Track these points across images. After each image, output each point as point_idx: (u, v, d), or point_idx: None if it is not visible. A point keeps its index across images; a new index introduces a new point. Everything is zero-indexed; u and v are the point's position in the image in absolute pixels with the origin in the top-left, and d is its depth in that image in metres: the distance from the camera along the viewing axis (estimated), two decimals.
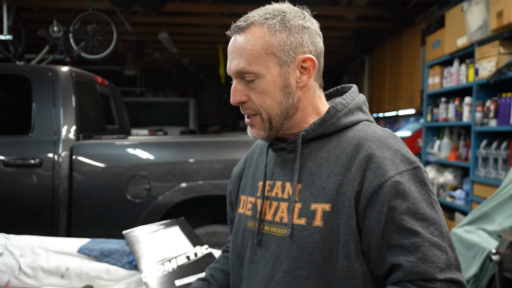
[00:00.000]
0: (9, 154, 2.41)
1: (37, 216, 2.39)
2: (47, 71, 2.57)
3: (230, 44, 0.98)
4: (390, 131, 0.98)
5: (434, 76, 3.92)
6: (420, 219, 0.86)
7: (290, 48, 0.95)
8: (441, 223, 0.88)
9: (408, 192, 0.87)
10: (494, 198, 2.33)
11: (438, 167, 3.91)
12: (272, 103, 0.96)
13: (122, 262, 1.45)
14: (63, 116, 2.49)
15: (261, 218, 1.01)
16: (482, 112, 3.11)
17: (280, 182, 1.00)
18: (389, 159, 0.90)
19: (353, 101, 1.02)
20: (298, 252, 0.92)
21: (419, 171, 0.91)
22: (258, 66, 0.94)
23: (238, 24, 0.97)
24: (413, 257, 0.84)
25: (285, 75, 0.95)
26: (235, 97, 0.98)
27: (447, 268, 0.84)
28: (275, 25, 0.95)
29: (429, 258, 0.84)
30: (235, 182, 1.17)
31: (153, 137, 3.14)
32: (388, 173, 0.88)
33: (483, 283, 2.12)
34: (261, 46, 0.94)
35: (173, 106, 9.38)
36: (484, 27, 3.01)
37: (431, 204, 0.89)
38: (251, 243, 1.03)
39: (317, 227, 0.91)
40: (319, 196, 0.92)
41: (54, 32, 4.61)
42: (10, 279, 1.38)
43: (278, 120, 0.97)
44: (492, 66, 2.93)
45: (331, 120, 0.98)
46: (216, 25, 5.95)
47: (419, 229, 0.85)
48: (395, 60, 5.79)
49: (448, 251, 0.86)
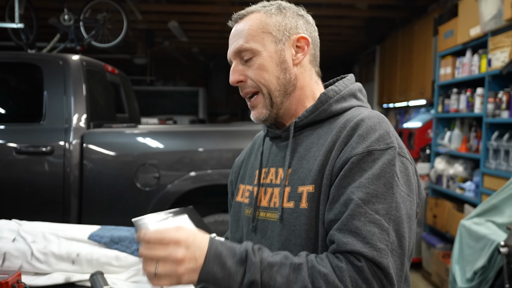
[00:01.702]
0: (21, 142, 2.45)
1: (48, 203, 2.43)
2: (58, 59, 2.59)
3: (231, 33, 1.05)
4: (378, 113, 0.97)
5: (446, 67, 3.87)
6: (368, 194, 0.84)
7: (285, 29, 1.01)
8: (392, 206, 0.84)
9: (367, 169, 0.86)
10: (504, 191, 2.31)
11: (448, 159, 3.88)
12: (270, 77, 1.00)
13: (131, 249, 1.47)
14: (74, 105, 2.51)
15: (256, 204, 1.03)
16: (494, 103, 3.07)
17: (274, 169, 1.03)
18: (363, 137, 0.90)
19: (346, 88, 1.04)
20: (288, 235, 0.95)
21: (393, 151, 0.88)
22: (254, 43, 0.99)
23: (238, 14, 1.04)
24: (346, 228, 0.83)
25: (281, 52, 1.00)
26: (234, 76, 1.02)
27: (381, 250, 0.80)
28: (271, 10, 1.02)
29: (361, 233, 0.82)
30: (236, 172, 1.19)
31: (163, 126, 3.16)
32: (357, 149, 0.89)
33: (491, 275, 2.11)
34: (257, 26, 1.00)
35: (183, 95, 9.39)
36: (498, 16, 2.95)
37: (390, 184, 0.85)
38: (247, 229, 1.05)
39: (303, 209, 0.93)
40: (305, 179, 0.95)
41: (65, 21, 4.63)
42: (23, 264, 1.42)
43: (277, 95, 1.01)
44: (505, 57, 2.88)
45: (323, 107, 1.00)
46: (226, 14, 5.92)
47: (362, 204, 0.83)
48: (406, 50, 5.72)
49: (390, 233, 0.82)
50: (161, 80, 10.26)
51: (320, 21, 5.49)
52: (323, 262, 0.82)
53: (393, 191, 0.85)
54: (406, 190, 0.88)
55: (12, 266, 1.41)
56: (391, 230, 0.83)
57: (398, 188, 0.86)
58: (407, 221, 0.86)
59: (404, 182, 0.88)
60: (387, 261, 0.80)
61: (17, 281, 1.26)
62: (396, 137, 0.93)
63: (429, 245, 3.85)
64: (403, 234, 0.84)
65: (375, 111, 0.99)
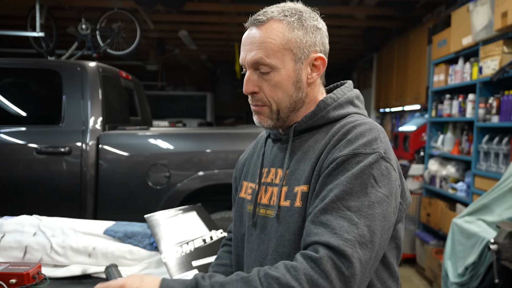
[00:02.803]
0: (41, 143, 2.46)
1: (66, 200, 2.44)
2: (76, 66, 2.61)
3: (247, 35, 0.98)
4: (372, 121, 0.96)
5: (439, 74, 3.85)
6: (343, 192, 0.83)
7: (305, 46, 0.96)
8: (365, 204, 0.82)
9: (348, 169, 0.85)
10: (494, 191, 2.30)
11: (441, 160, 3.87)
12: (283, 96, 0.97)
13: (143, 244, 1.48)
14: (91, 108, 2.52)
15: (257, 201, 1.03)
16: (484, 108, 3.06)
17: (274, 169, 1.03)
18: (351, 141, 0.89)
19: (343, 95, 1.02)
20: (283, 231, 0.95)
21: (377, 156, 0.87)
22: (275, 59, 0.94)
23: (257, 18, 0.96)
24: (318, 220, 0.83)
25: (298, 71, 0.96)
26: (248, 87, 0.97)
27: (347, 240, 0.78)
28: (294, 23, 0.95)
29: (330, 224, 0.81)
30: (240, 169, 1.19)
31: (173, 129, 3.16)
32: (342, 152, 0.88)
33: (481, 271, 2.10)
34: (280, 41, 0.94)
35: (192, 100, 9.41)
36: (489, 27, 2.94)
37: (365, 185, 0.84)
38: (248, 224, 1.06)
39: (297, 208, 0.93)
40: (300, 179, 0.95)
41: (83, 30, 4.66)
42: (43, 257, 1.42)
43: (286, 112, 0.99)
44: (495, 65, 2.87)
45: (321, 113, 0.99)
46: (232, 23, 5.93)
47: (336, 200, 0.83)
48: (402, 58, 5.70)
49: (359, 227, 0.80)
50: (172, 86, 10.28)
51: None
52: (277, 268, 0.80)
53: (367, 191, 0.84)
54: (384, 191, 0.85)
55: (33, 258, 1.42)
56: (362, 225, 0.80)
57: (373, 189, 0.84)
58: (381, 220, 0.83)
59: (383, 185, 0.86)
60: (352, 251, 0.77)
61: (38, 272, 1.27)
62: (384, 144, 0.90)
63: (422, 242, 3.83)
64: (374, 230, 0.81)
65: (370, 119, 0.98)
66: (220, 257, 1.22)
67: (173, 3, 4.86)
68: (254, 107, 1.01)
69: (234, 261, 1.12)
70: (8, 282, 1.19)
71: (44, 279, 1.29)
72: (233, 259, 1.13)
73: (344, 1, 5.16)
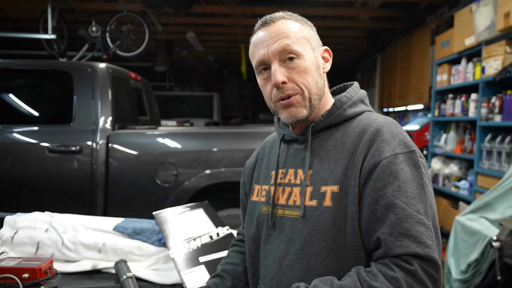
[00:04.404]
0: (53, 142, 2.48)
1: (77, 197, 2.45)
2: (87, 67, 2.62)
3: (262, 35, 0.97)
4: (391, 118, 0.98)
5: (442, 74, 3.83)
6: (408, 197, 0.85)
7: (315, 39, 1.01)
8: (427, 204, 0.86)
9: (400, 172, 0.87)
10: (496, 189, 2.28)
11: (444, 159, 3.84)
12: (312, 81, 0.97)
13: (152, 240, 1.48)
14: (101, 108, 2.53)
15: (274, 202, 1.02)
16: (487, 108, 3.03)
17: (293, 170, 1.02)
18: (387, 142, 0.90)
19: (356, 94, 1.04)
20: (310, 230, 0.93)
21: (414, 154, 0.90)
22: (300, 46, 0.96)
23: (267, 19, 0.98)
24: (396, 231, 0.83)
25: (317, 59, 1.00)
26: (279, 77, 0.94)
27: (430, 246, 0.82)
28: (300, 21, 1.01)
29: (411, 234, 0.82)
30: (249, 174, 1.18)
31: (181, 128, 3.17)
32: (384, 154, 0.89)
33: (483, 268, 2.09)
34: (299, 31, 0.97)
35: (199, 100, 9.42)
36: (491, 27, 2.92)
37: (422, 185, 0.88)
38: (265, 226, 1.04)
39: (327, 207, 0.92)
40: (328, 180, 0.94)
41: (93, 32, 4.68)
42: (54, 252, 1.43)
43: (316, 98, 0.98)
44: (498, 65, 2.84)
45: (338, 112, 0.99)
46: (238, 25, 5.93)
47: (406, 207, 0.84)
48: (405, 58, 5.67)
49: (431, 229, 0.84)
50: (179, 86, 10.31)
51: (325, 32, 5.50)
52: (378, 278, 0.81)
53: (425, 190, 0.88)
54: (430, 186, 0.91)
55: (45, 254, 1.43)
56: (431, 226, 0.85)
57: (427, 187, 0.89)
58: (436, 214, 0.90)
59: (428, 181, 0.91)
60: (436, 255, 0.82)
61: (49, 267, 1.28)
62: (410, 139, 0.95)
63: None
64: (438, 227, 0.88)
65: (387, 116, 1.00)
66: (229, 256, 1.22)
67: (180, 5, 4.87)
68: (283, 101, 0.96)
69: (249, 263, 1.10)
70: (21, 276, 1.20)
71: (56, 274, 1.30)
72: (247, 262, 1.11)
73: (348, 2, 5.14)
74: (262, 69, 0.99)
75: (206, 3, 5.23)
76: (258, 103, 10.23)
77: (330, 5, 5.00)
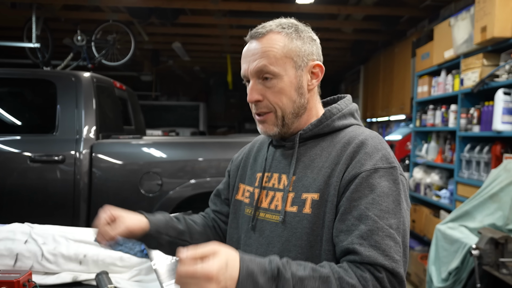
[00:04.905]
0: (36, 151, 2.43)
1: (60, 207, 2.40)
2: (71, 76, 2.59)
3: (248, 48, 0.99)
4: (377, 133, 1.00)
5: (423, 85, 3.90)
6: (382, 210, 0.85)
7: (304, 55, 0.98)
8: (400, 220, 0.87)
9: (377, 186, 0.87)
10: (475, 198, 2.32)
11: (425, 169, 3.89)
12: (287, 102, 0.98)
13: (134, 251, 1.46)
14: (85, 117, 2.50)
15: (257, 205, 1.03)
16: (466, 118, 3.09)
17: (277, 174, 1.03)
18: (370, 155, 0.91)
19: (346, 107, 1.05)
20: (288, 236, 0.94)
21: (395, 170, 0.91)
22: (278, 66, 0.96)
23: (257, 31, 0.98)
24: (366, 242, 0.83)
25: (299, 78, 0.98)
26: (252, 95, 0.98)
27: (397, 261, 0.83)
28: (292, 34, 0.98)
29: (380, 246, 0.83)
30: (234, 169, 1.19)
31: (166, 137, 3.15)
32: (365, 166, 0.89)
33: (464, 275, 2.11)
34: (281, 50, 0.96)
35: (185, 109, 9.39)
36: (469, 40, 2.99)
37: (398, 201, 0.88)
38: (246, 227, 1.05)
39: (306, 214, 0.93)
40: (310, 187, 0.94)
41: (78, 41, 4.65)
42: (34, 264, 1.39)
43: (290, 117, 0.99)
44: (476, 77, 2.91)
45: (326, 122, 1.00)
46: (225, 36, 5.95)
47: (378, 219, 0.85)
48: (387, 70, 5.77)
49: (401, 245, 0.85)
50: (165, 96, 10.27)
51: None
52: (348, 273, 0.82)
53: (400, 207, 0.88)
54: (406, 204, 0.91)
55: (24, 266, 1.39)
56: (401, 242, 0.85)
57: (403, 204, 0.89)
58: (408, 232, 0.89)
59: (404, 198, 0.91)
60: (401, 270, 0.83)
61: (28, 280, 1.24)
62: (393, 155, 0.95)
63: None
64: (407, 244, 0.88)
65: (374, 131, 1.00)
66: (193, 216, 1.23)
67: (167, 16, 4.87)
68: (258, 116, 1.01)
69: None
70: None
71: (35, 286, 1.26)
72: None
73: (332, 15, 5.22)
74: (246, 82, 1.02)
75: (192, 13, 5.25)
76: (244, 112, 10.24)
77: (315, 17, 5.07)
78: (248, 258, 0.80)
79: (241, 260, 0.78)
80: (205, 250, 0.76)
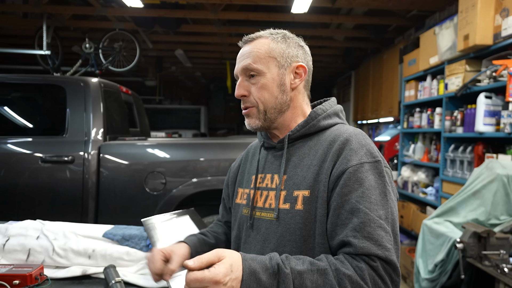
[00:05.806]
0: (46, 152, 2.43)
1: (69, 205, 2.40)
2: (80, 81, 2.58)
3: (240, 52, 1.04)
4: (360, 130, 1.00)
5: (410, 90, 3.91)
6: (371, 203, 0.86)
7: (288, 56, 1.00)
8: (388, 210, 0.87)
9: (365, 180, 0.88)
10: (459, 195, 2.33)
11: (413, 167, 3.90)
12: (269, 97, 1.00)
13: (140, 246, 1.46)
14: (93, 120, 2.50)
15: (253, 205, 1.03)
16: (450, 120, 3.11)
17: (270, 175, 1.03)
18: (355, 151, 0.91)
19: (331, 107, 1.06)
20: (283, 232, 0.94)
21: (379, 164, 0.91)
22: (261, 65, 0.99)
23: (249, 37, 1.03)
24: (360, 234, 0.84)
25: (282, 76, 1.00)
26: (239, 91, 1.01)
27: (389, 249, 0.84)
28: (278, 38, 1.01)
29: (373, 237, 0.83)
30: (232, 177, 1.19)
31: (169, 139, 3.15)
32: (351, 162, 0.90)
33: (449, 267, 2.11)
34: (265, 50, 0.99)
35: (187, 112, 9.39)
36: (452, 48, 3.00)
37: (384, 193, 0.89)
38: (245, 227, 1.05)
39: (298, 210, 0.93)
40: (301, 185, 0.95)
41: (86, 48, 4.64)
42: (45, 259, 1.39)
43: (272, 112, 1.01)
44: (459, 82, 2.92)
45: (312, 122, 1.01)
46: (224, 44, 5.96)
47: (369, 212, 0.85)
48: (377, 75, 5.78)
49: (391, 234, 0.86)
50: (169, 100, 10.26)
51: None
52: (345, 264, 0.82)
53: (387, 198, 0.88)
54: (393, 194, 0.92)
55: (36, 260, 1.38)
56: (391, 231, 0.86)
57: (389, 195, 0.89)
58: (397, 221, 0.90)
59: (391, 189, 0.91)
60: (394, 258, 0.84)
61: (40, 273, 1.23)
62: (376, 150, 0.96)
63: None
64: (397, 232, 0.89)
65: (357, 128, 1.01)
66: (212, 227, 1.24)
67: (170, 25, 4.87)
68: (244, 110, 1.03)
69: None
70: (12, 283, 1.15)
71: (46, 280, 1.26)
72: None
73: (325, 24, 5.23)
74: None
75: (194, 23, 5.25)
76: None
77: (308, 26, 5.08)
78: (250, 257, 0.81)
79: (243, 260, 0.80)
80: (210, 256, 0.78)
